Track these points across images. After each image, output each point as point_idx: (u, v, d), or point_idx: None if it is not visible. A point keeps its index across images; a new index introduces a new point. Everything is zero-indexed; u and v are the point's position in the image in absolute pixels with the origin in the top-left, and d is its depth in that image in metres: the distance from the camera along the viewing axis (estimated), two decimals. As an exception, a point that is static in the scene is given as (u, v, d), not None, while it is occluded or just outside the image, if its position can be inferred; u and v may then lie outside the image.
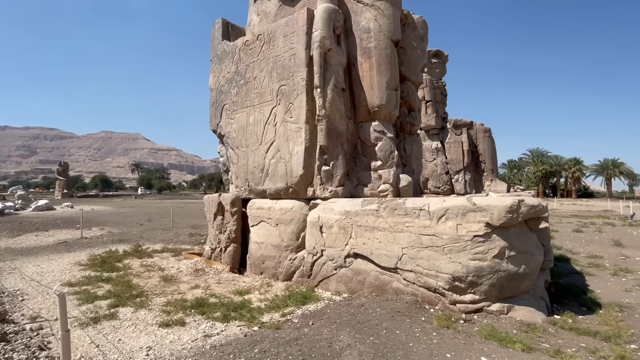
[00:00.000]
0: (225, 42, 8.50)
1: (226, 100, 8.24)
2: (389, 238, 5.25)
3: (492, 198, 4.67)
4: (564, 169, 57.64)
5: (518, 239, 4.49)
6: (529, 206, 4.40)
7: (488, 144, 23.10)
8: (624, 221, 17.62)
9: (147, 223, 16.84)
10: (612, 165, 56.64)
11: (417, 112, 8.19)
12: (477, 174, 23.46)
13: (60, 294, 2.31)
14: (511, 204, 4.35)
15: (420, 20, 8.26)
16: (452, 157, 22.14)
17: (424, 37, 8.35)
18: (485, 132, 23.24)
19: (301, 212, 6.60)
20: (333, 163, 6.48)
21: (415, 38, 8.06)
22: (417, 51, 8.05)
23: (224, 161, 8.69)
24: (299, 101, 6.57)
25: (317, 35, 6.37)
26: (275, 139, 6.97)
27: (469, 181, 21.99)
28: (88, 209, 25.13)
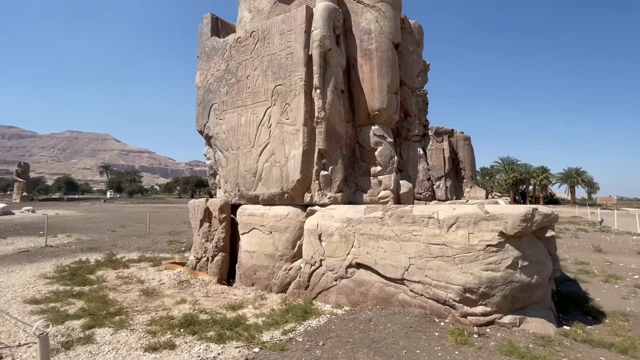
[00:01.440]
0: (215, 39, 8.04)
1: (215, 99, 7.76)
2: (395, 247, 4.99)
3: (505, 206, 4.54)
4: (532, 176, 60.68)
5: (530, 248, 4.37)
6: (543, 215, 4.30)
7: (468, 151, 23.73)
8: (594, 227, 18.54)
9: (120, 229, 15.74)
10: (576, 174, 60.31)
11: (414, 117, 8.08)
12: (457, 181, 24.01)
13: (42, 335, 1.79)
14: (525, 213, 4.22)
15: (417, 26, 8.21)
16: (433, 163, 22.52)
17: (420, 42, 8.30)
18: (465, 140, 23.88)
19: (297, 219, 6.24)
20: (332, 168, 6.19)
21: (412, 43, 7.99)
22: (414, 56, 7.97)
23: (211, 164, 8.17)
24: (297, 102, 6.24)
25: (317, 34, 6.10)
26: (270, 141, 6.59)
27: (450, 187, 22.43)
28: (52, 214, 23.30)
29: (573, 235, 14.56)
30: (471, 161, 24.18)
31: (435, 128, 22.78)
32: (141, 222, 19.25)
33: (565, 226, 18.70)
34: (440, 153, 22.76)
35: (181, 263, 8.17)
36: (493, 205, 4.65)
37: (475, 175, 24.80)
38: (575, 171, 60.84)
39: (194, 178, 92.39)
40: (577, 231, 16.26)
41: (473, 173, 24.16)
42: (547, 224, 4.44)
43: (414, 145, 8.67)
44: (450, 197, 21.61)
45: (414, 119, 8.26)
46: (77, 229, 15.53)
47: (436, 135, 22.95)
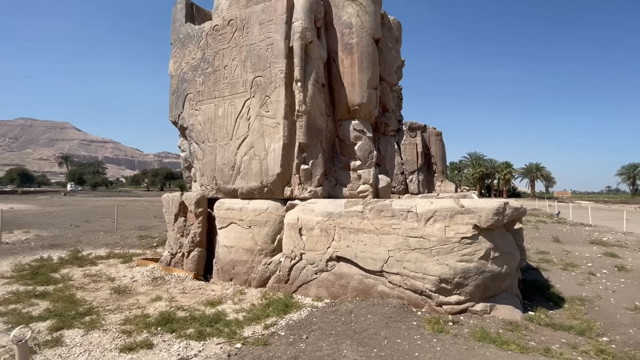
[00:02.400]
0: (190, 25, 7.69)
1: (190, 89, 7.46)
2: (375, 240, 5.10)
3: (479, 200, 4.77)
4: (497, 171, 64.08)
5: (501, 240, 4.63)
6: (513, 209, 4.56)
7: (439, 146, 24.62)
8: (552, 219, 19.96)
9: (84, 224, 14.85)
10: (536, 169, 64.37)
11: (391, 113, 8.22)
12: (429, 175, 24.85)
13: (20, 342, 1.63)
14: (498, 207, 4.45)
15: (395, 22, 8.31)
16: (407, 158, 23.15)
17: (399, 38, 8.42)
18: (437, 136, 24.72)
19: (277, 213, 6.20)
20: (313, 162, 6.18)
21: (391, 39, 8.07)
22: (392, 52, 8.07)
23: (186, 156, 7.88)
24: (277, 95, 6.14)
25: (299, 26, 6.01)
26: (249, 134, 6.45)
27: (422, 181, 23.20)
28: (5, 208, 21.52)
29: (534, 227, 15.59)
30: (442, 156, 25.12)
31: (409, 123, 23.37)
32: (107, 216, 18.27)
33: (527, 218, 19.96)
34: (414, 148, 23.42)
35: (154, 259, 7.87)
36: (468, 199, 4.87)
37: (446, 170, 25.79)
38: (535, 166, 64.94)
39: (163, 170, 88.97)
40: (538, 223, 17.44)
41: (444, 167, 25.12)
42: (517, 217, 4.72)
43: (391, 140, 8.82)
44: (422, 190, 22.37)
45: (391, 115, 8.40)
46: (36, 224, 14.47)
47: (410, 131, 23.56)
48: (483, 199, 5.38)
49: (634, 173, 62.58)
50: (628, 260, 8.36)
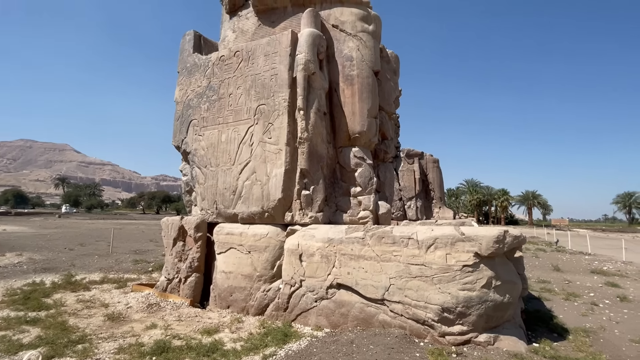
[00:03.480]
0: (197, 55, 8.04)
1: (194, 115, 7.66)
2: (376, 267, 5.08)
3: (479, 228, 4.81)
4: (494, 198, 64.34)
5: (502, 268, 4.63)
6: (513, 237, 4.59)
7: (437, 173, 24.86)
8: (551, 247, 19.86)
9: (78, 247, 14.59)
10: (532, 197, 64.68)
11: (390, 140, 8.44)
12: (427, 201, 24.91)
13: None
14: (498, 234, 4.49)
15: (394, 55, 8.74)
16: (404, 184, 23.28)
17: (397, 70, 8.81)
18: (434, 163, 25.02)
19: (277, 238, 6.19)
20: (314, 187, 6.26)
21: (389, 71, 8.46)
22: (391, 83, 8.43)
23: (187, 180, 7.95)
24: (280, 122, 6.33)
25: (302, 58, 6.31)
26: (251, 159, 6.57)
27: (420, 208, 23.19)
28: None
29: (533, 255, 15.49)
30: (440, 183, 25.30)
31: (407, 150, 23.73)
32: (102, 239, 18.00)
33: (526, 246, 19.86)
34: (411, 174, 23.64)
35: (150, 284, 7.71)
36: (467, 227, 4.91)
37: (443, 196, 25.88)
38: (532, 194, 65.30)
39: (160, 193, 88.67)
40: (537, 251, 17.33)
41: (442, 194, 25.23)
42: (517, 245, 4.75)
43: (390, 167, 8.99)
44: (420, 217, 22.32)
45: (390, 142, 8.62)
46: (29, 246, 14.21)
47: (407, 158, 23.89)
48: (483, 227, 5.43)
49: (630, 202, 63.08)
50: (630, 290, 8.28)
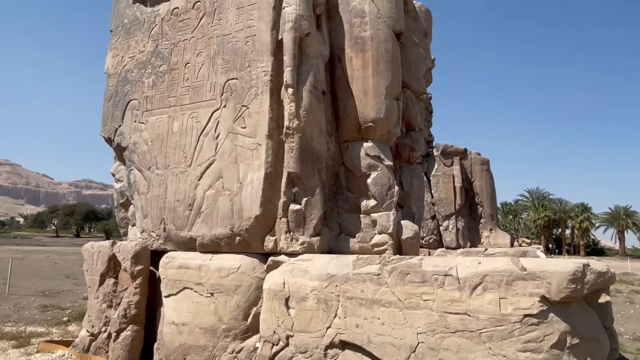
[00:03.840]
0: (139, 7, 8.13)
1: (135, 93, 7.72)
2: (398, 318, 5.08)
3: (546, 261, 4.84)
4: (569, 217, 64.76)
5: (581, 319, 4.64)
6: (597, 274, 4.61)
7: (486, 180, 24.99)
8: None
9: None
10: (625, 215, 65.06)
11: (419, 132, 8.54)
12: (472, 221, 25.01)
13: None
14: (574, 270, 4.51)
15: (424, 9, 8.89)
16: (440, 195, 23.41)
17: (428, 31, 8.96)
18: (483, 165, 25.17)
19: (253, 274, 6.22)
20: (307, 200, 6.29)
21: (417, 32, 8.60)
22: (419, 49, 8.56)
23: (122, 189, 7.98)
24: (259, 104, 6.38)
25: (292, 12, 6.38)
26: (217, 158, 6.61)
27: (462, 230, 23.31)
28: None
29: (627, 300, 15.53)
30: (491, 194, 25.42)
31: (442, 147, 23.89)
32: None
33: (616, 287, 19.93)
34: (450, 181, 23.79)
35: (64, 342, 7.75)
36: (530, 258, 4.94)
37: (496, 214, 26.04)
38: (624, 211, 65.74)
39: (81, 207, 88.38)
40: (632, 294, 17.39)
41: (493, 210, 25.34)
42: (602, 286, 4.76)
43: (419, 170, 9.08)
44: (463, 243, 22.42)
45: (418, 135, 8.72)
46: None
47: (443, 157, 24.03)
48: (552, 259, 5.46)
49: None
50: None
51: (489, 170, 25.64)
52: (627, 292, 17.95)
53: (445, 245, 22.41)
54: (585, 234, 64.13)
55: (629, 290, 19.00)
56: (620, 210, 66.07)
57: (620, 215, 65.48)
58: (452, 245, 22.38)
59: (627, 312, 12.59)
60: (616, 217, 66.04)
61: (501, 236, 25.13)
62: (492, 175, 25.60)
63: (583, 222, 62.83)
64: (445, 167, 25.10)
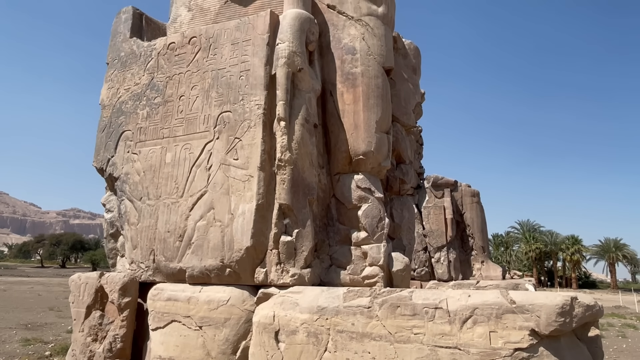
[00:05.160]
0: (136, 41, 8.33)
1: (129, 124, 7.81)
2: (389, 352, 5.03)
3: (535, 294, 4.88)
4: (560, 249, 64.93)
5: (570, 353, 4.65)
6: (585, 307, 4.65)
7: (477, 212, 25.16)
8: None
9: None
10: (615, 247, 65.45)
11: (409, 164, 8.69)
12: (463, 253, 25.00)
13: None
14: (562, 303, 4.55)
15: (412, 47, 9.21)
16: (431, 227, 23.45)
17: (417, 68, 9.26)
18: (473, 197, 25.40)
19: (243, 307, 6.15)
20: (298, 232, 6.32)
21: (406, 68, 8.88)
22: (409, 84, 8.82)
23: (112, 219, 7.94)
24: (251, 137, 6.49)
25: (285, 49, 6.59)
26: (208, 189, 6.65)
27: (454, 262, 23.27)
28: None
29: (619, 334, 15.45)
30: (481, 226, 25.54)
31: (433, 178, 24.13)
32: (-24, 306, 17.40)
33: (608, 320, 19.87)
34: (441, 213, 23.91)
35: (46, 377, 7.46)
36: (520, 291, 4.98)
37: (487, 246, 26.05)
38: (614, 243, 66.14)
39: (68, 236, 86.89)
40: (624, 328, 17.32)
41: (485, 242, 25.40)
42: (590, 319, 4.79)
43: (409, 202, 9.19)
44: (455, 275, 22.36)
45: (409, 167, 8.88)
46: None
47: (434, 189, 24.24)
48: (542, 292, 5.50)
49: None
50: None
51: (479, 203, 25.90)
52: (620, 326, 17.89)
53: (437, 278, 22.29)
54: (576, 266, 64.17)
55: (621, 324, 18.94)
56: (610, 243, 66.53)
57: (611, 248, 65.87)
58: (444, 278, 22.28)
59: (620, 347, 12.51)
60: (606, 250, 66.38)
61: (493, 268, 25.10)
62: (482, 207, 25.84)
63: (574, 255, 63.00)
64: (436, 199, 25.28)
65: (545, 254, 65.80)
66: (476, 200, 25.15)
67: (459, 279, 22.20)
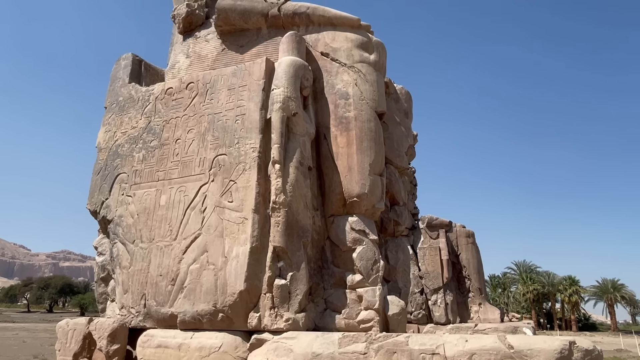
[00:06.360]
0: (135, 86, 8.54)
1: (124, 167, 7.86)
2: (385, 401, 4.89)
3: (534, 338, 4.80)
4: (558, 290, 64.08)
5: (571, 401, 4.53)
6: (584, 351, 4.58)
7: (473, 253, 24.94)
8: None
9: None
10: (613, 288, 64.71)
11: (403, 206, 8.75)
12: (460, 294, 24.60)
13: None
14: (561, 348, 4.49)
15: (404, 92, 9.50)
16: (427, 268, 23.15)
17: (408, 111, 9.52)
18: (468, 237, 25.25)
19: (236, 353, 6.00)
20: (292, 275, 6.27)
21: (399, 112, 9.12)
22: (401, 128, 9.03)
23: (104, 263, 7.84)
24: (246, 179, 6.55)
25: (280, 94, 6.78)
26: (202, 232, 6.64)
27: (451, 304, 22.81)
28: None
29: (622, 379, 15.03)
30: (477, 267, 25.23)
31: (428, 219, 24.07)
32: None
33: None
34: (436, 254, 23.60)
35: None
36: (518, 336, 4.92)
37: (484, 287, 25.66)
38: (612, 284, 65.42)
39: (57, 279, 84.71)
40: (627, 372, 16.86)
41: (482, 284, 25.02)
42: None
43: (404, 243, 9.18)
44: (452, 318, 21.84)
45: (403, 209, 8.94)
46: None
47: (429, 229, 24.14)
48: (540, 336, 5.42)
49: None
50: None
51: (474, 243, 25.74)
52: (622, 371, 17.40)
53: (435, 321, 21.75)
54: (575, 308, 63.11)
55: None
56: (608, 284, 65.80)
57: (609, 289, 65.08)
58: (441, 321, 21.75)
59: (623, 393, 12.13)
60: (604, 291, 65.54)
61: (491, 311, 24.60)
62: (478, 248, 25.66)
63: (572, 296, 62.08)
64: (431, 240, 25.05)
65: (543, 295, 64.84)
66: (471, 240, 25.01)
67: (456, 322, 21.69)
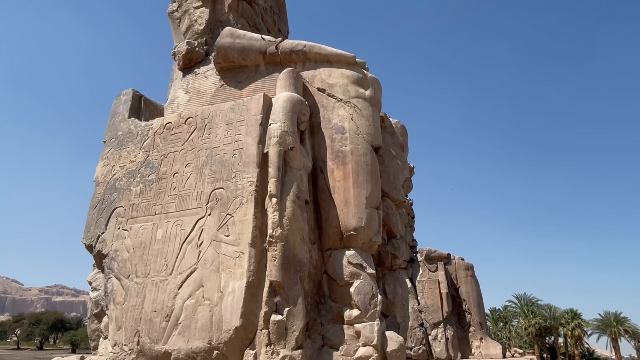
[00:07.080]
0: (134, 121, 8.66)
1: (121, 201, 7.88)
2: None
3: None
4: (560, 323, 62.92)
5: None
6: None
7: (472, 286, 24.67)
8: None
9: None
10: (616, 321, 63.62)
11: (400, 239, 8.73)
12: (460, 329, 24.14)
13: None
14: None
15: (399, 126, 9.66)
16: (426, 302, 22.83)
17: (404, 145, 9.65)
18: (467, 270, 25.03)
19: (230, 393, 5.82)
20: (289, 310, 6.19)
21: (394, 145, 9.25)
22: (397, 161, 9.13)
23: (98, 298, 7.73)
24: (243, 213, 6.57)
25: (277, 129, 6.89)
26: (199, 266, 6.60)
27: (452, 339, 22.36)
28: None
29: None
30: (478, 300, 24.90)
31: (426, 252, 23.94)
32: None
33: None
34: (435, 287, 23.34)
35: None
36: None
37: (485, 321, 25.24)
38: (615, 317, 64.35)
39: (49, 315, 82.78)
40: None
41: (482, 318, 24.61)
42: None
43: (402, 277, 9.10)
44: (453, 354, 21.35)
45: (400, 242, 8.92)
46: None
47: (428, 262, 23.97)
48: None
49: None
50: None
51: (473, 276, 25.49)
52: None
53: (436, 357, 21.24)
54: (578, 342, 61.75)
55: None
56: (611, 317, 64.67)
57: (611, 322, 63.92)
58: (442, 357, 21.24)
59: None
60: (607, 324, 64.32)
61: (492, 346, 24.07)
62: (477, 281, 25.39)
63: (575, 330, 60.89)
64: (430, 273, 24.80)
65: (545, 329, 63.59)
66: (470, 273, 24.77)
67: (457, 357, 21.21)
